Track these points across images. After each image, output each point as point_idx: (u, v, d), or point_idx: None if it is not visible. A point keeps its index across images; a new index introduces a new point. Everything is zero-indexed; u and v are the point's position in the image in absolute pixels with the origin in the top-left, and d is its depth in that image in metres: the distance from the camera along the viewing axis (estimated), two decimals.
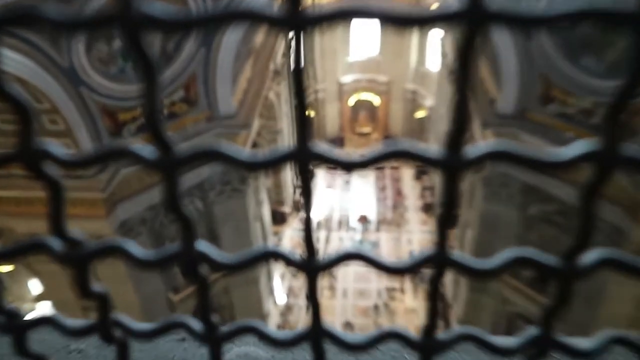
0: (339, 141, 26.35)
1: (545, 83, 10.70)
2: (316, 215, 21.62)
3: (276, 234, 19.59)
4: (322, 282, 18.12)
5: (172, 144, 0.47)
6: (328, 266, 0.56)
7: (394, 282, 18.05)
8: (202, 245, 0.53)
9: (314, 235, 0.55)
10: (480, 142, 12.84)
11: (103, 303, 0.52)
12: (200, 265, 0.53)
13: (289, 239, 20.46)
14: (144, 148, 0.49)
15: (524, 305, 12.39)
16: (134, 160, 0.48)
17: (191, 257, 0.51)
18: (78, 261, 0.49)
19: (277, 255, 0.57)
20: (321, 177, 24.16)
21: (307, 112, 0.46)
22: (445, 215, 0.56)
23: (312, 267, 0.56)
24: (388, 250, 19.96)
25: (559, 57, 10.20)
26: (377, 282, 18.56)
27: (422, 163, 0.51)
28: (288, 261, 0.56)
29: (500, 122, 11.31)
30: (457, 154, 0.47)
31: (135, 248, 0.51)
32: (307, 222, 0.51)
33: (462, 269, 0.57)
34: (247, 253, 0.56)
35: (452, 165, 0.48)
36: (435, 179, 21.80)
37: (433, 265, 0.57)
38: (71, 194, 9.14)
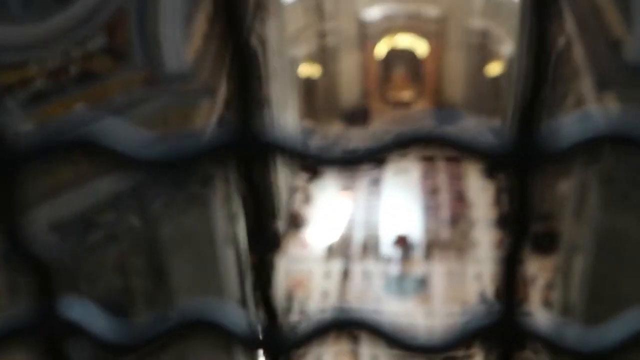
0: (361, 115, 26.36)
1: None
2: (325, 235, 21.69)
3: None
4: (340, 345, 18.15)
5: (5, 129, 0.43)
6: (300, 344, 0.51)
7: None
8: (73, 308, 0.48)
9: (277, 289, 0.51)
10: (590, 112, 12.76)
11: None
12: (66, 344, 0.49)
13: (283, 274, 20.39)
14: None
15: None
16: None
17: (50, 329, 0.47)
18: None
19: (213, 327, 0.52)
20: (333, 174, 24.22)
21: (245, 68, 0.41)
22: (515, 244, 0.52)
23: (275, 344, 0.52)
24: (443, 290, 19.99)
25: None
26: None
27: (468, 155, 0.46)
28: (233, 336, 0.52)
29: (629, 79, 11.23)
30: (528, 140, 0.43)
31: None
32: (259, 271, 0.47)
33: (547, 346, 0.52)
34: (157, 324, 0.52)
35: (520, 157, 0.44)
36: None
37: (494, 341, 0.53)
38: None
